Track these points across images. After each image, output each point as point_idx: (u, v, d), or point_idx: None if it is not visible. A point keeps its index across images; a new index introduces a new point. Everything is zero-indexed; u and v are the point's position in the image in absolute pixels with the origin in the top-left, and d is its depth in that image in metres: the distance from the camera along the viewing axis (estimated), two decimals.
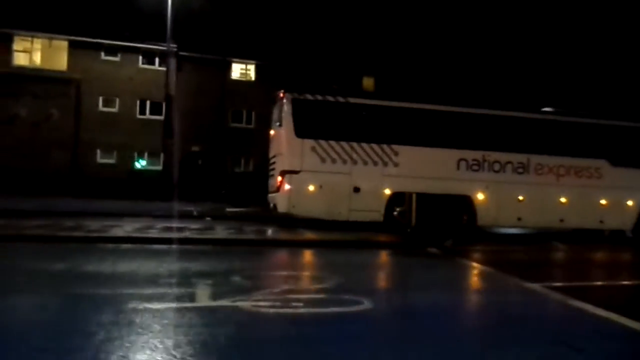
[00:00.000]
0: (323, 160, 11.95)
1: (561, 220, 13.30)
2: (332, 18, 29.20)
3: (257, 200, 22.17)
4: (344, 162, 12.04)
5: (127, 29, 23.90)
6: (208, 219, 14.57)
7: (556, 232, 13.91)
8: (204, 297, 4.92)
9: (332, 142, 12.00)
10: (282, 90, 12.36)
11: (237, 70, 27.14)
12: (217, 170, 26.24)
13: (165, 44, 25.12)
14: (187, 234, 9.60)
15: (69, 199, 18.07)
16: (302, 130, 11.91)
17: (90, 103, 24.34)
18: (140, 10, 22.95)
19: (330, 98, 12.37)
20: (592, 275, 8.32)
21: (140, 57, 24.96)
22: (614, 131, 13.96)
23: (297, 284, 5.99)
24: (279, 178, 11.92)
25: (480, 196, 12.66)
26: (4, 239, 7.94)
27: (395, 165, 12.28)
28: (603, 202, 13.39)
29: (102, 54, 24.61)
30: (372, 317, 4.63)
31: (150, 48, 24.87)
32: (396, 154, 12.30)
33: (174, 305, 4.53)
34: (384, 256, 9.11)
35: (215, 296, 4.94)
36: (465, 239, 11.52)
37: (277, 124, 12.47)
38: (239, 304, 4.67)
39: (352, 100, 12.48)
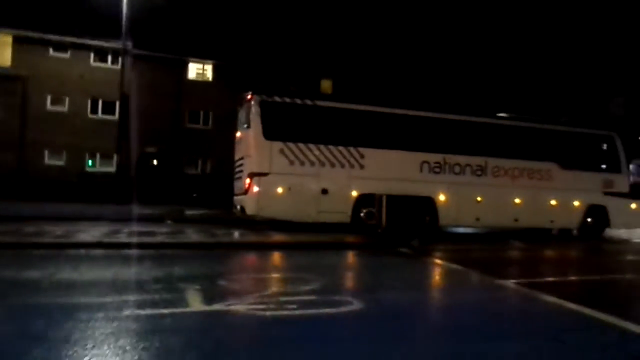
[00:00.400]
0: (291, 162, 12.02)
1: (515, 220, 14.04)
2: (291, 20, 29.27)
3: (215, 203, 21.92)
4: (312, 164, 12.16)
5: (77, 25, 22.88)
6: (169, 222, 14.26)
7: (507, 231, 14.63)
8: (196, 302, 4.86)
9: (300, 145, 12.09)
10: (250, 92, 12.32)
11: (195, 70, 26.63)
12: (172, 171, 25.64)
13: (118, 41, 24.36)
14: (159, 239, 9.39)
15: (16, 202, 17.11)
16: (271, 132, 11.92)
17: (37, 101, 23.08)
18: (91, 6, 22.08)
19: (298, 101, 12.46)
20: (555, 271, 8.88)
21: (92, 55, 23.96)
22: (563, 136, 14.92)
23: (284, 287, 6.01)
24: (247, 180, 11.87)
25: (441, 197, 13.15)
26: None
27: (362, 167, 12.54)
28: (553, 202, 14.26)
29: (51, 50, 23.42)
30: (365, 316, 4.75)
31: (102, 45, 23.94)
32: (362, 156, 12.56)
33: (167, 311, 4.46)
34: (360, 257, 9.27)
35: (207, 301, 4.89)
36: (428, 239, 11.92)
37: (245, 125, 12.41)
38: (232, 307, 4.67)
39: (319, 103, 12.63)
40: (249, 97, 12.23)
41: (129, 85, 24.52)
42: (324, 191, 12.15)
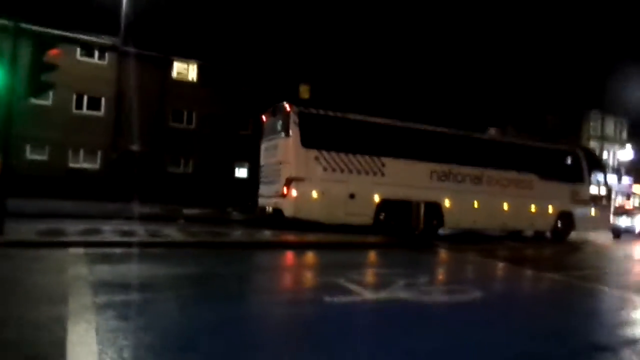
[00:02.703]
0: (325, 169, 13.23)
1: (504, 223, 16.20)
2: (273, 25, 30.12)
3: (202, 202, 22.43)
4: (342, 171, 13.45)
5: (64, 18, 22.41)
6: (182, 221, 14.89)
7: (479, 234, 16.71)
8: (364, 292, 6.06)
9: (333, 153, 13.33)
10: (288, 104, 13.38)
11: (179, 70, 26.79)
12: (155, 170, 25.70)
13: (106, 37, 24.15)
14: (235, 236, 10.45)
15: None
16: (307, 140, 13.06)
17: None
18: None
19: (331, 113, 13.69)
20: (580, 265, 10.93)
21: (78, 49, 23.50)
22: (542, 152, 17.33)
23: (409, 279, 7.17)
24: (285, 184, 12.91)
25: (447, 203, 14.92)
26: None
27: (383, 174, 14.01)
28: (533, 208, 16.53)
29: None
30: (492, 300, 6.23)
31: (89, 40, 23.57)
32: (383, 164, 14.03)
33: (349, 299, 5.67)
34: (420, 254, 10.88)
35: (372, 290, 6.12)
36: (437, 240, 13.62)
37: (282, 134, 13.40)
38: (398, 296, 5.93)
39: (348, 116, 13.93)
40: (288, 108, 13.27)
41: (117, 83, 24.39)
42: (352, 196, 13.47)
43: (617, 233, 20.98)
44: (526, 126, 39.55)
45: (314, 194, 13.02)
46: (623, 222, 21.16)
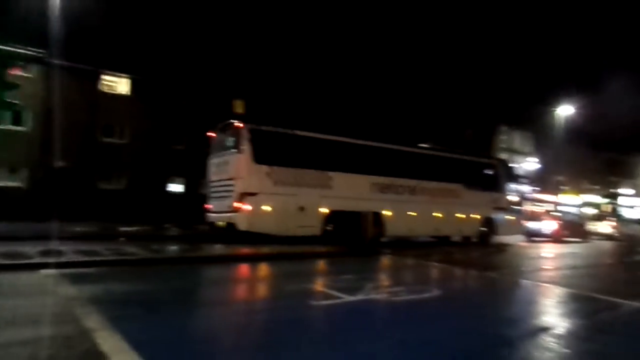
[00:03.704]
0: (276, 183, 13.80)
1: (436, 230, 17.70)
2: (206, 41, 30.13)
3: (136, 219, 21.92)
4: (292, 185, 14.09)
5: None
6: (122, 239, 14.75)
7: (416, 240, 18.20)
8: (344, 295, 6.75)
9: (283, 168, 13.94)
10: (239, 121, 13.83)
11: (111, 83, 26.01)
12: (84, 187, 24.66)
13: (32, 49, 23.00)
14: (199, 251, 10.68)
15: None
16: (259, 156, 13.58)
17: None
18: (3, 9, 20.66)
19: (280, 130, 14.32)
20: (506, 264, 12.36)
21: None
22: (467, 163, 19.15)
23: (372, 283, 7.96)
24: (238, 200, 13.30)
25: (387, 212, 16.06)
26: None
27: (330, 188, 14.85)
28: (461, 215, 18.19)
29: None
30: (449, 297, 7.20)
31: (14, 52, 22.24)
32: (330, 178, 14.88)
33: (329, 302, 6.36)
34: (371, 261, 11.74)
35: (350, 293, 6.82)
36: (379, 247, 14.67)
37: (234, 150, 13.78)
38: (372, 297, 6.71)
39: (297, 132, 14.63)
40: (239, 125, 13.71)
41: (43, 96, 23.22)
42: (301, 208, 14.14)
43: (530, 235, 23.52)
44: (446, 140, 42.65)
45: (266, 208, 13.53)
46: (534, 225, 23.75)
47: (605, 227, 30.50)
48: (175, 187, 28.52)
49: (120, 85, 26.51)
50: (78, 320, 4.87)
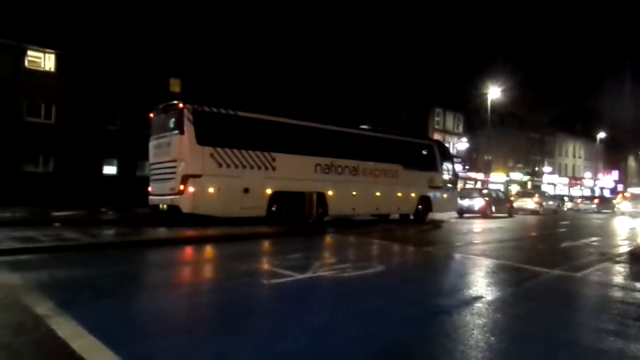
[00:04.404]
0: (220, 165, 13.74)
1: (377, 209, 18.40)
2: (140, 15, 28.75)
3: (69, 203, 20.94)
4: (236, 166, 14.09)
5: None
6: (57, 224, 14.20)
7: (357, 219, 18.88)
8: (295, 273, 7.00)
9: (227, 149, 13.89)
10: (181, 102, 13.54)
11: (35, 59, 24.28)
12: (7, 170, 23.12)
13: None
14: (142, 235, 10.52)
15: None
16: (202, 138, 13.43)
17: None
18: None
19: (223, 111, 14.18)
20: (441, 240, 13.14)
21: None
22: (405, 144, 19.96)
23: (317, 261, 8.30)
24: (182, 182, 13.12)
25: (330, 192, 16.47)
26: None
27: (274, 169, 14.97)
28: (399, 194, 19.01)
29: None
30: (392, 271, 7.68)
31: None
32: (273, 159, 15.00)
33: (282, 280, 6.63)
34: (315, 239, 12.10)
35: (299, 271, 7.09)
36: (323, 226, 15.11)
37: (176, 132, 13.50)
38: (319, 274, 7.03)
39: (240, 113, 14.55)
40: (181, 105, 13.42)
41: None
42: (246, 190, 14.20)
43: (461, 212, 24.98)
44: (383, 121, 43.79)
45: (211, 190, 13.47)
46: (465, 202, 25.21)
47: (531, 203, 32.87)
48: (110, 170, 27.38)
49: (46, 61, 24.82)
50: (28, 307, 4.78)
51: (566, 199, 47.56)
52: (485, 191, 28.96)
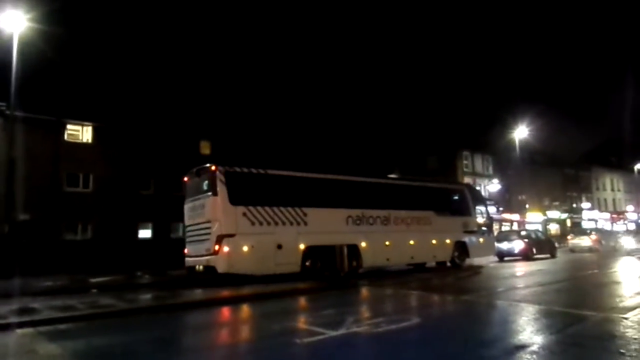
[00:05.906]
0: (252, 223, 13.92)
1: (412, 257, 18.05)
2: (170, 82, 30.39)
3: (107, 269, 21.35)
4: (269, 223, 14.23)
5: None
6: (95, 290, 14.49)
7: (392, 269, 18.42)
8: (327, 330, 6.86)
9: (259, 207, 14.10)
10: (213, 164, 13.99)
11: (73, 132, 25.76)
12: (49, 239, 23.99)
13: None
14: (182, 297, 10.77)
15: None
16: (235, 198, 13.72)
17: None
18: None
19: (254, 170, 14.56)
20: (480, 287, 12.70)
21: None
22: (436, 191, 19.81)
23: (354, 316, 8.12)
24: (216, 242, 13.30)
25: (363, 244, 16.31)
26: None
27: (305, 224, 15.03)
28: (434, 242, 18.62)
29: None
30: (427, 325, 7.45)
31: None
32: (305, 214, 15.09)
33: (323, 337, 6.53)
34: (351, 294, 11.90)
35: (332, 328, 6.95)
36: (358, 279, 14.87)
37: (209, 193, 13.85)
38: (353, 331, 6.88)
39: (270, 172, 14.89)
40: (213, 168, 13.85)
41: (6, 149, 22.71)
42: (279, 246, 14.24)
43: (501, 255, 24.19)
44: (410, 168, 43.80)
45: (245, 248, 13.58)
46: (504, 246, 24.46)
47: (587, 240, 31.81)
48: (145, 233, 28.05)
49: (84, 133, 26.27)
50: None
51: (619, 235, 44.05)
52: (523, 232, 28.03)
